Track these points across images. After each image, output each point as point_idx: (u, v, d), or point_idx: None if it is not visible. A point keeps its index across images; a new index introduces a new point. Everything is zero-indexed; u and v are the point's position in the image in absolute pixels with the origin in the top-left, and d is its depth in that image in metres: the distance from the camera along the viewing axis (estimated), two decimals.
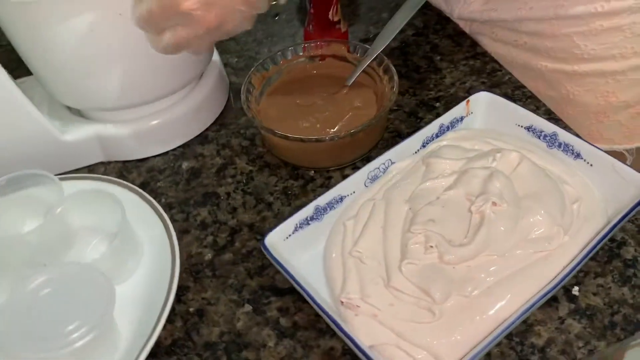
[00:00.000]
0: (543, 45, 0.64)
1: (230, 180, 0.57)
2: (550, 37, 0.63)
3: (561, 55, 0.63)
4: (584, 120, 0.64)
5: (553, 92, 0.64)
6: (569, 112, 0.64)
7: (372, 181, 0.50)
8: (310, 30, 0.67)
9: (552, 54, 0.64)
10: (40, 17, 0.48)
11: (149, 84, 0.56)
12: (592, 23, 0.59)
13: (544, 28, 0.63)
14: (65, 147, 0.57)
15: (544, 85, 0.65)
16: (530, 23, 0.64)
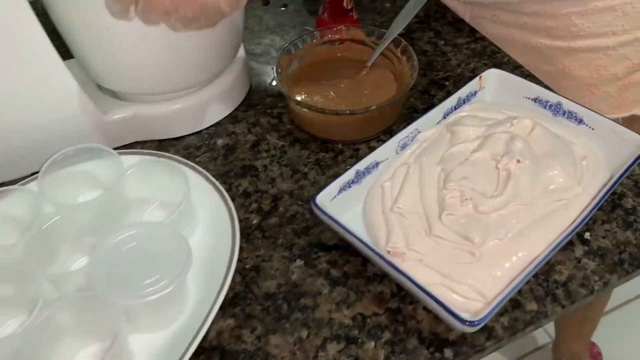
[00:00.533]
0: (543, 25, 0.71)
1: (265, 154, 0.61)
2: (550, 17, 0.70)
3: (559, 33, 0.70)
4: (577, 92, 0.71)
5: (550, 67, 0.71)
6: (564, 85, 0.71)
7: (402, 148, 0.56)
8: (325, 18, 0.72)
9: (551, 32, 0.71)
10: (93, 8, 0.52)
11: (188, 75, 0.60)
12: (589, 4, 0.66)
13: (544, 9, 0.69)
14: (106, 126, 0.60)
15: (542, 61, 0.72)
16: (532, 4, 0.70)
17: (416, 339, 0.46)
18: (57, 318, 0.43)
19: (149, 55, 0.56)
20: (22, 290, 0.47)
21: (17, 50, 0.52)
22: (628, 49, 0.69)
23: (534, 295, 0.48)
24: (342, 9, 0.71)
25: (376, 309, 0.48)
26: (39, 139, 0.57)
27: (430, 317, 0.47)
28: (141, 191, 0.53)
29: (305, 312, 0.48)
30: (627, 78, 0.71)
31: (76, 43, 0.57)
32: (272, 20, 0.80)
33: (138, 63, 0.57)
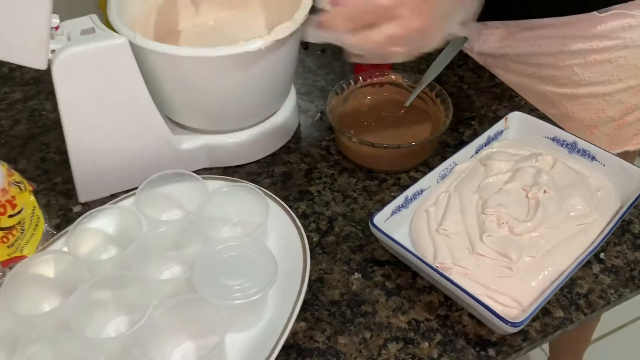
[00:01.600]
0: (548, 74, 0.81)
1: (318, 181, 0.70)
2: (554, 68, 0.80)
3: (563, 82, 0.81)
4: (579, 132, 0.80)
5: (555, 111, 0.82)
6: (568, 126, 0.80)
7: (442, 178, 0.65)
8: (364, 63, 0.82)
9: (555, 80, 0.81)
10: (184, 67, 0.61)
11: (254, 113, 0.69)
12: (589, 57, 0.77)
13: (549, 60, 0.80)
14: (180, 154, 0.69)
15: (548, 105, 0.82)
16: (538, 57, 0.81)
17: (463, 340, 0.54)
18: (162, 318, 0.50)
19: (225, 102, 0.66)
20: (121, 295, 0.55)
21: (122, 95, 0.62)
22: (623, 95, 0.80)
23: (560, 304, 0.56)
24: None
25: (427, 315, 0.56)
26: (129, 163, 0.66)
27: (474, 322, 0.55)
28: (221, 212, 0.61)
29: (367, 317, 0.56)
30: (621, 119, 0.81)
31: (163, 92, 0.65)
32: (312, 63, 0.89)
33: (215, 107, 0.66)
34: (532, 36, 0.80)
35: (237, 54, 0.59)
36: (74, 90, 0.60)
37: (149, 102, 0.63)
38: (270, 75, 0.67)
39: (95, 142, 0.63)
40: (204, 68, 0.61)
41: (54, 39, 0.58)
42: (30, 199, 0.58)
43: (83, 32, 0.60)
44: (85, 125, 0.62)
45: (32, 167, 0.73)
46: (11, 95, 0.84)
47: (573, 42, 0.77)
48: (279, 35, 0.61)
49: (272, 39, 0.60)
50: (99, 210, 0.59)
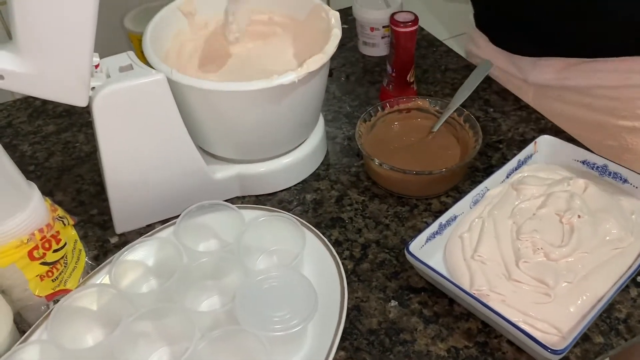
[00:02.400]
0: (607, 106, 0.80)
1: (349, 208, 0.71)
2: (615, 100, 0.79)
3: (624, 114, 0.79)
4: (637, 165, 0.78)
5: (613, 142, 0.81)
6: (626, 158, 0.80)
7: (474, 204, 0.65)
8: (390, 89, 0.83)
9: (615, 112, 0.80)
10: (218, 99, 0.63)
11: (286, 142, 0.71)
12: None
13: (610, 93, 0.79)
14: (214, 183, 0.70)
15: (605, 136, 0.81)
16: (598, 89, 0.80)
17: None
18: (206, 349, 0.51)
19: (258, 133, 0.67)
20: (163, 326, 0.55)
21: (159, 129, 0.63)
22: None
23: (599, 330, 0.56)
24: (405, 82, 0.82)
25: (466, 343, 0.56)
26: (165, 194, 0.67)
27: (514, 348, 0.55)
28: (258, 241, 0.62)
29: (406, 345, 0.56)
30: None
31: (197, 124, 0.67)
32: (337, 90, 0.90)
33: (248, 138, 0.67)
34: (592, 69, 0.79)
35: (271, 87, 0.61)
36: (113, 125, 0.61)
37: (185, 134, 0.65)
38: (301, 106, 0.68)
39: (132, 175, 0.65)
40: (239, 101, 0.63)
41: (94, 76, 0.60)
42: (72, 233, 0.59)
43: (121, 69, 0.61)
44: (123, 159, 0.63)
45: (68, 199, 0.74)
46: (45, 128, 0.86)
47: (637, 76, 0.76)
48: (311, 67, 0.62)
49: (305, 71, 0.62)
50: (139, 242, 0.60)
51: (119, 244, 0.68)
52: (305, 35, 0.74)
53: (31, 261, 0.53)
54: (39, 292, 0.55)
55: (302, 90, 0.65)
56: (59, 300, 0.54)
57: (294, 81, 0.61)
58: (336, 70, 0.95)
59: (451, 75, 0.92)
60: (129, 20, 0.85)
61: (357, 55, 0.98)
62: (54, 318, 0.53)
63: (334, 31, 0.67)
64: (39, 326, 0.55)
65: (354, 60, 0.97)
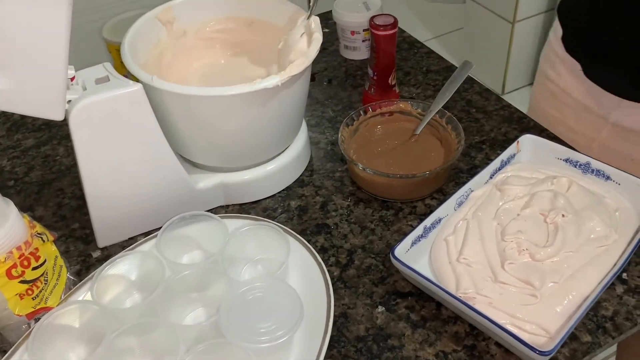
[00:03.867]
0: None
1: (334, 213, 0.70)
2: None
3: None
4: None
5: None
6: None
7: (459, 206, 0.65)
8: (372, 93, 0.83)
9: None
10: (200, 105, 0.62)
11: (269, 148, 0.70)
12: None
13: None
14: (197, 193, 0.69)
15: None
16: None
17: None
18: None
19: (242, 139, 0.66)
20: (148, 341, 0.55)
21: (138, 140, 0.62)
22: None
23: (587, 328, 0.56)
24: (387, 85, 0.82)
25: (455, 347, 0.56)
26: (147, 206, 0.66)
27: (502, 350, 0.55)
28: (242, 251, 0.62)
29: (394, 351, 0.56)
30: None
31: (179, 132, 0.66)
32: (320, 94, 0.90)
33: (232, 145, 0.67)
34: None
35: (254, 91, 0.60)
36: (91, 138, 0.60)
37: (165, 145, 0.64)
38: (284, 111, 0.67)
39: (112, 188, 0.64)
40: (222, 107, 0.62)
41: (70, 89, 0.59)
42: (52, 249, 0.58)
43: (98, 81, 0.60)
44: (102, 171, 0.62)
45: (49, 213, 0.73)
46: (24, 142, 0.85)
47: None
48: (294, 71, 0.62)
49: (288, 74, 0.61)
50: (121, 256, 0.59)
51: (101, 258, 0.67)
52: (286, 39, 0.74)
53: (9, 280, 0.52)
54: (19, 311, 0.54)
55: (285, 94, 0.64)
56: (40, 318, 0.53)
57: (277, 85, 0.60)
58: (318, 74, 0.94)
59: (433, 76, 0.92)
60: (107, 30, 0.83)
61: (339, 59, 0.98)
62: (35, 337, 0.52)
63: (315, 35, 0.66)
64: (20, 346, 0.54)
65: (335, 64, 0.97)
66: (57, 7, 0.50)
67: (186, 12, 0.73)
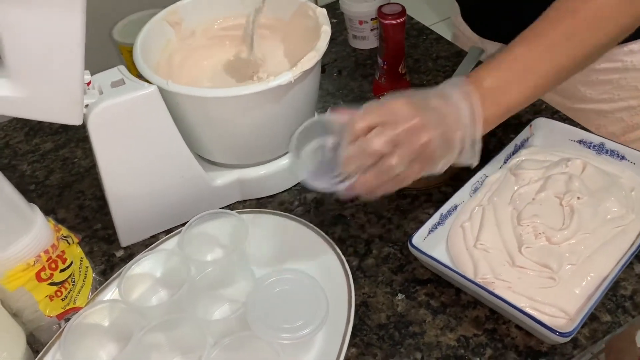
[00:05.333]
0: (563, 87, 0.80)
1: (350, 204, 0.71)
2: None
3: (568, 96, 0.81)
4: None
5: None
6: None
7: (474, 192, 0.66)
8: (382, 82, 0.83)
9: (561, 93, 0.82)
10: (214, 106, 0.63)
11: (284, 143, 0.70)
12: (591, 76, 0.78)
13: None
14: (215, 190, 0.70)
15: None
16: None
17: (514, 353, 0.55)
18: (219, 356, 0.52)
19: (256, 136, 0.67)
20: (175, 337, 0.56)
21: (155, 140, 0.64)
22: (624, 113, 0.80)
23: (606, 308, 0.57)
24: (397, 74, 0.82)
25: (475, 331, 0.57)
26: (166, 204, 0.68)
27: (523, 333, 0.56)
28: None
29: (415, 337, 0.57)
30: (623, 136, 0.81)
31: (194, 132, 0.67)
32: (330, 85, 0.90)
33: (246, 142, 0.68)
34: None
35: (268, 89, 0.61)
36: (110, 141, 0.61)
37: (182, 144, 0.65)
38: (297, 105, 0.68)
39: (132, 188, 0.65)
40: (237, 106, 0.63)
41: (87, 93, 0.60)
42: (77, 251, 0.60)
43: (113, 85, 0.61)
44: (122, 173, 0.64)
45: (71, 215, 0.75)
46: (42, 146, 0.86)
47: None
48: (305, 66, 0.63)
49: (300, 70, 0.62)
50: (145, 255, 0.61)
51: (124, 257, 0.69)
52: (294, 35, 0.74)
53: (39, 283, 0.54)
54: (50, 312, 0.56)
55: (298, 89, 0.65)
56: (70, 318, 0.55)
57: (290, 81, 0.61)
58: (328, 65, 0.94)
59: (443, 63, 0.92)
60: (117, 32, 0.85)
61: (348, 49, 0.98)
62: (66, 337, 0.53)
63: (324, 28, 0.67)
64: (52, 346, 0.55)
65: (345, 55, 0.97)
66: (71, 14, 0.51)
67: (193, 12, 0.74)
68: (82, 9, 0.51)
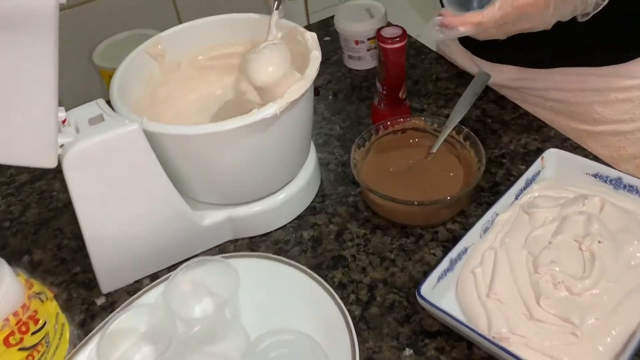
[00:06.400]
0: (567, 110, 0.78)
1: (350, 244, 0.66)
2: (573, 104, 0.77)
3: (583, 118, 0.77)
4: None
5: None
6: None
7: (484, 232, 0.61)
8: (382, 108, 0.78)
9: (575, 116, 0.78)
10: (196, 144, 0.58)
11: (276, 179, 0.66)
12: (609, 95, 0.74)
13: (568, 97, 0.77)
14: (203, 230, 0.65)
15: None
16: (556, 92, 0.78)
17: None
18: None
19: (246, 174, 0.62)
20: None
21: (138, 180, 0.58)
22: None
23: None
24: (397, 99, 0.77)
25: None
26: (151, 246, 0.62)
27: None
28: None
29: None
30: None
31: (179, 172, 0.62)
32: (325, 110, 0.85)
33: (235, 181, 0.63)
34: (549, 72, 0.78)
35: (252, 123, 0.56)
36: (88, 182, 0.56)
37: (167, 183, 0.60)
38: (288, 138, 0.63)
39: (113, 231, 0.60)
40: (219, 143, 0.58)
41: (62, 131, 0.55)
42: (52, 307, 0.54)
43: (91, 121, 0.56)
44: (101, 215, 0.58)
45: (48, 257, 0.69)
46: (18, 178, 0.80)
47: (593, 80, 0.74)
48: (292, 96, 0.58)
49: (286, 101, 0.57)
50: (126, 309, 0.55)
51: (106, 306, 0.63)
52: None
53: (7, 348, 0.48)
54: None
55: (287, 120, 0.60)
56: None
57: (275, 113, 0.56)
58: (323, 88, 0.90)
59: (444, 85, 0.87)
60: (98, 55, 0.79)
61: (343, 69, 0.93)
62: None
63: (313, 53, 0.62)
64: None
65: (340, 76, 0.92)
66: (43, 50, 0.46)
67: (177, 42, 0.68)
68: (54, 43, 0.46)
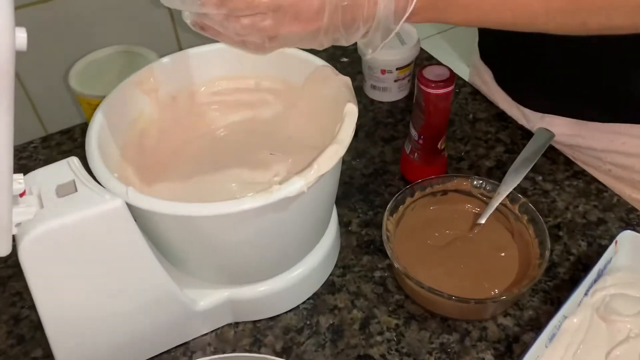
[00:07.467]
0: (629, 177, 0.66)
1: (380, 338, 0.54)
2: (637, 173, 0.65)
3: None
4: None
5: None
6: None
7: (550, 340, 0.49)
8: (416, 159, 0.65)
9: (636, 185, 0.66)
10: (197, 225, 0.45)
11: (291, 257, 0.53)
12: None
13: (633, 163, 0.65)
14: (197, 315, 0.52)
15: None
16: (618, 156, 0.66)
17: None
18: None
19: (256, 255, 0.50)
20: None
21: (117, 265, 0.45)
22: None
23: None
24: (435, 150, 0.64)
25: None
26: (136, 337, 0.49)
27: None
28: None
29: None
30: None
31: (174, 251, 0.49)
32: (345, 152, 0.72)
33: (241, 262, 0.50)
34: (613, 131, 0.65)
35: (271, 203, 0.43)
36: (51, 272, 0.43)
37: (154, 263, 0.46)
38: (312, 211, 0.50)
39: (84, 327, 0.47)
40: (228, 224, 0.45)
41: (19, 205, 0.41)
42: None
43: (60, 191, 0.42)
44: (69, 308, 0.45)
45: (2, 333, 0.56)
46: None
47: None
48: (323, 168, 0.45)
49: (316, 175, 0.44)
50: None
51: None
52: (305, 104, 0.57)
53: None
54: None
55: (313, 194, 0.47)
56: None
57: (302, 191, 0.44)
58: None
59: (482, 127, 0.75)
60: (75, 77, 0.65)
61: (364, 100, 0.80)
62: None
63: (349, 107, 0.50)
64: None
65: (360, 108, 0.76)
66: None
67: (173, 73, 0.55)
68: (8, 110, 0.33)
